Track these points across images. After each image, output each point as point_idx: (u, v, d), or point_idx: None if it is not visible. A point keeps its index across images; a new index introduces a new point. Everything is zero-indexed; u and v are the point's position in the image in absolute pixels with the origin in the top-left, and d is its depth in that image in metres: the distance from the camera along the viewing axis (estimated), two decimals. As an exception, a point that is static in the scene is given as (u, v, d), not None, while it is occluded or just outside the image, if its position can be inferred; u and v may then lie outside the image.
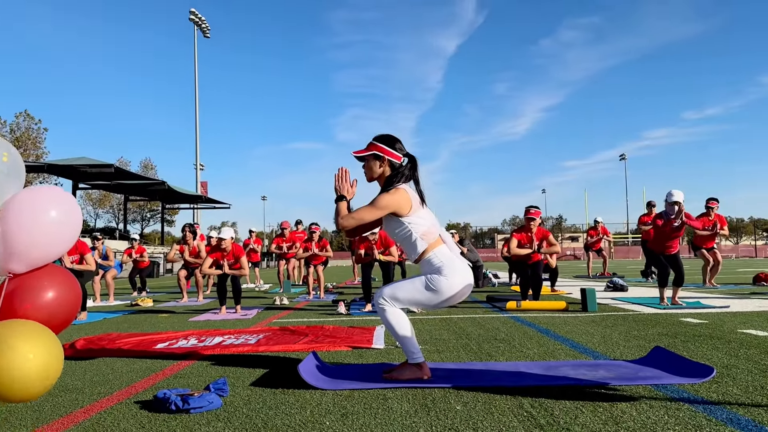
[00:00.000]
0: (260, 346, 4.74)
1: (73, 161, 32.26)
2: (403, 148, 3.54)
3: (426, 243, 3.40)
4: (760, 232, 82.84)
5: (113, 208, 63.46)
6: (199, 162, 47.20)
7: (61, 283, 2.60)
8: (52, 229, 2.43)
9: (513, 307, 7.31)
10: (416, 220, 3.40)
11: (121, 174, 35.23)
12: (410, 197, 3.41)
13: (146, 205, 61.69)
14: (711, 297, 8.76)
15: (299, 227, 14.58)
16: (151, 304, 10.03)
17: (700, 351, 4.15)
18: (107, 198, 61.18)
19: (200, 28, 46.88)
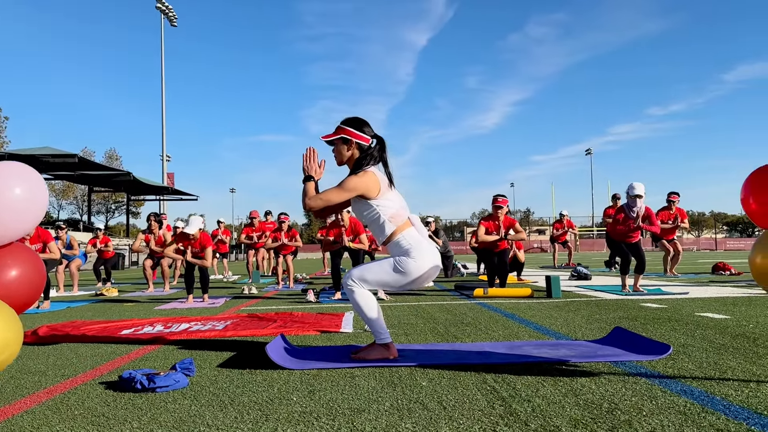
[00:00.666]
0: (228, 332, 4.74)
1: (35, 151, 31.47)
2: (371, 131, 3.56)
3: (394, 225, 3.43)
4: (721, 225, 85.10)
5: (77, 199, 62.16)
6: (166, 153, 46.51)
7: (25, 262, 2.56)
8: (17, 206, 2.40)
9: (480, 294, 7.41)
10: (384, 203, 3.43)
11: (85, 164, 34.51)
12: (379, 180, 3.44)
13: (111, 196, 60.55)
14: (671, 285, 9.00)
15: (268, 218, 14.51)
16: (116, 294, 9.88)
17: (659, 332, 4.28)
18: (71, 189, 59.88)
19: (167, 17, 46.04)
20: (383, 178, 3.49)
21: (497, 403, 2.43)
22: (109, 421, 2.32)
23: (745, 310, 5.48)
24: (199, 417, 2.36)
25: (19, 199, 2.43)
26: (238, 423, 2.26)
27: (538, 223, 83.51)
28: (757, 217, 2.83)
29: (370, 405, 2.47)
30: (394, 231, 3.43)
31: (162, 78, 45.20)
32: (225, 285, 12.26)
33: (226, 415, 2.38)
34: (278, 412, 2.39)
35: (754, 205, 2.82)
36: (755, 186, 2.83)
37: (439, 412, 2.33)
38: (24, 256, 2.59)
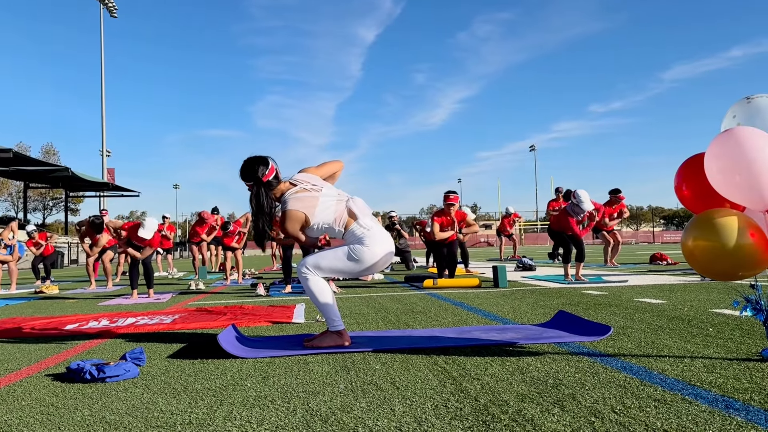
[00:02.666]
0: (176, 324, 4.68)
1: (-35, 145, 30.01)
2: (264, 168, 3.45)
3: (342, 224, 3.46)
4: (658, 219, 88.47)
5: (12, 196, 59.49)
6: (106, 148, 45.08)
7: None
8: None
9: (430, 285, 7.54)
10: (322, 218, 3.42)
11: (21, 160, 33.12)
12: (302, 210, 3.38)
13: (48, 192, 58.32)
14: (611, 274, 9.35)
15: (216, 214, 14.33)
16: (56, 291, 9.57)
17: (600, 316, 4.47)
18: (5, 185, 57.25)
19: (106, 7, 44.58)
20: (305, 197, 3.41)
21: (448, 382, 2.51)
22: (59, 410, 2.29)
23: (681, 295, 5.76)
24: (152, 404, 2.34)
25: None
26: (192, 408, 2.26)
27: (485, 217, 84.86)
28: (690, 203, 3.00)
29: (325, 388, 2.50)
30: (346, 225, 3.47)
31: (102, 71, 43.79)
32: (170, 281, 12.02)
33: (180, 401, 2.37)
34: (233, 398, 2.40)
35: (687, 192, 2.99)
36: (687, 174, 2.99)
37: (392, 392, 2.39)
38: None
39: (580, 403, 2.14)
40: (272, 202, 3.48)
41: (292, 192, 3.43)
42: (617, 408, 2.07)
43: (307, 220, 3.40)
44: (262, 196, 3.44)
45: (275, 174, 3.46)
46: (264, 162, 3.46)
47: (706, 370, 2.59)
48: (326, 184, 3.56)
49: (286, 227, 3.42)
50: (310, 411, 2.17)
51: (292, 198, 3.40)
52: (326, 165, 3.74)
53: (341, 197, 3.53)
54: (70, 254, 32.15)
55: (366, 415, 2.09)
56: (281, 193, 3.48)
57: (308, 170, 3.64)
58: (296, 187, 3.45)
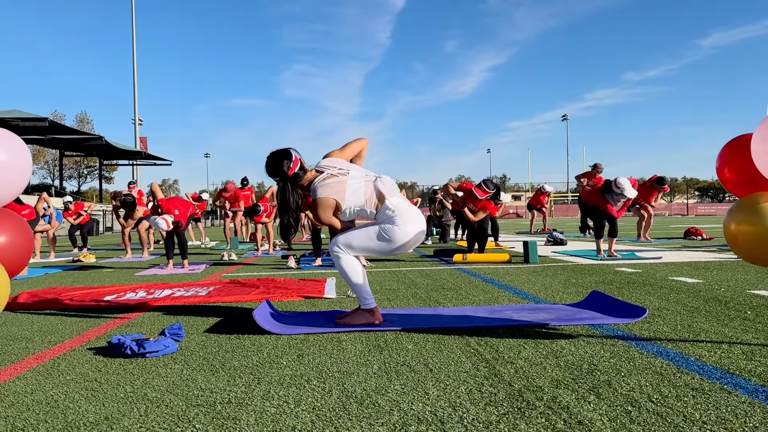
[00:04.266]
0: (212, 297, 4.76)
1: (3, 114, 30.70)
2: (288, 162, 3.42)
3: (374, 206, 3.46)
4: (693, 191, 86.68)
5: (48, 164, 60.87)
6: (138, 117, 45.61)
7: (13, 228, 2.55)
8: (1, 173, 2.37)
9: (459, 260, 7.52)
10: (353, 201, 3.43)
11: (56, 128, 33.79)
12: (332, 196, 3.38)
13: (83, 161, 59.47)
14: (645, 250, 9.22)
15: (245, 185, 14.44)
16: (93, 261, 9.80)
17: (634, 296, 4.42)
18: (41, 153, 58.56)
19: (137, -24, 44.59)
20: (333, 183, 3.40)
21: (482, 365, 2.52)
22: (102, 386, 2.36)
23: (717, 274, 5.66)
24: (192, 381, 2.40)
25: (3, 165, 2.41)
26: (230, 386, 2.31)
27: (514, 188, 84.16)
28: (732, 186, 2.92)
29: (359, 368, 2.53)
30: (377, 206, 3.47)
31: (133, 40, 44.04)
32: (203, 251, 12.22)
33: (218, 378, 2.43)
34: (269, 375, 2.45)
35: (729, 175, 2.91)
36: (730, 156, 2.90)
37: (426, 374, 2.41)
38: (11, 221, 2.57)
39: (616, 391, 2.13)
40: (298, 197, 3.49)
41: (319, 179, 3.43)
42: (654, 397, 2.06)
43: (339, 206, 3.40)
44: (288, 191, 3.45)
45: (300, 165, 3.45)
46: (287, 155, 3.43)
47: (745, 357, 2.55)
48: (352, 166, 3.55)
49: (319, 215, 3.43)
50: (345, 392, 2.20)
51: (321, 185, 3.40)
52: (350, 146, 3.72)
53: (369, 177, 3.52)
54: (104, 222, 32.87)
55: (401, 398, 2.11)
56: (309, 182, 3.48)
57: (332, 154, 3.63)
58: (323, 174, 3.44)
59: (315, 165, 3.54)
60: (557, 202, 62.04)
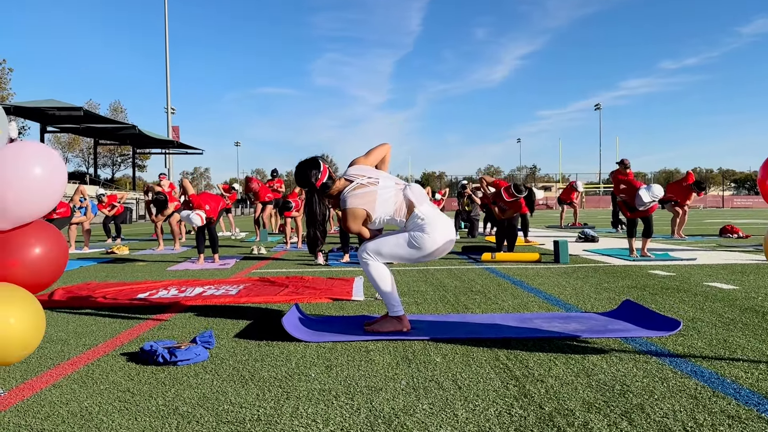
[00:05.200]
0: (241, 297, 4.81)
1: (40, 104, 31.40)
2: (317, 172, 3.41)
3: (403, 215, 3.45)
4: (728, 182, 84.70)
5: (83, 152, 62.16)
6: (171, 106, 46.19)
7: (48, 240, 2.60)
8: (35, 186, 2.41)
9: (488, 259, 7.47)
10: (383, 211, 3.42)
11: (91, 117, 34.42)
12: (362, 206, 3.37)
13: (117, 149, 60.52)
14: (679, 249, 9.04)
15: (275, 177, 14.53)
16: (127, 252, 10.00)
17: (668, 304, 4.33)
18: (76, 142, 59.84)
19: (170, -34, 45.00)
20: (363, 194, 3.38)
21: (511, 383, 2.49)
22: (134, 397, 2.40)
23: (754, 279, 5.52)
24: (222, 394, 2.43)
25: (39, 179, 2.45)
26: (260, 401, 2.33)
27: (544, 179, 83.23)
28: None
29: (387, 383, 2.53)
30: (406, 215, 3.45)
31: (166, 30, 44.49)
32: (234, 243, 12.36)
33: (248, 392, 2.45)
34: (298, 390, 2.46)
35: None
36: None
37: (454, 392, 2.39)
38: (47, 234, 2.62)
39: (649, 416, 2.09)
40: (325, 208, 3.50)
41: (349, 189, 3.42)
42: (689, 425, 2.01)
43: (369, 216, 3.40)
44: (315, 203, 3.46)
45: (328, 174, 3.44)
46: (315, 165, 3.42)
47: (784, 380, 2.48)
48: (381, 174, 3.53)
49: (349, 226, 3.43)
50: (373, 411, 2.20)
51: (351, 196, 3.39)
52: (374, 152, 3.72)
53: (398, 186, 3.51)
54: (138, 210, 33.43)
55: (429, 420, 2.10)
56: (338, 191, 3.47)
57: (358, 161, 3.64)
58: (352, 183, 3.43)
59: (344, 174, 3.54)
60: (588, 193, 61.17)
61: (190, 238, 13.19)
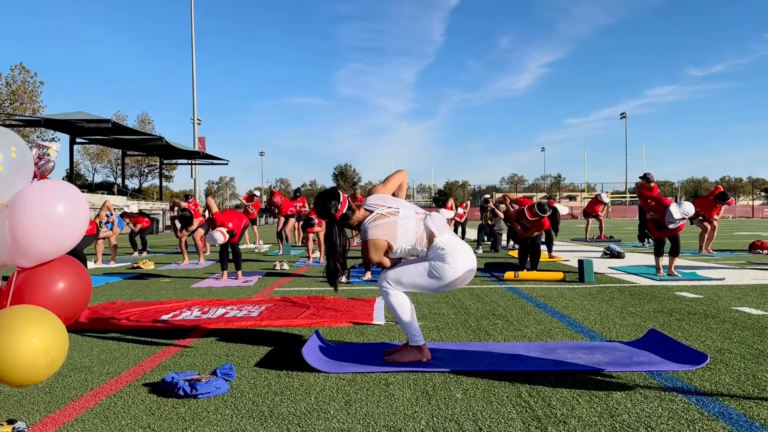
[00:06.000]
0: (263, 321, 4.83)
1: (70, 116, 32.04)
2: (336, 203, 3.42)
3: (424, 245, 3.44)
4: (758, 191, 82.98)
5: (111, 163, 63.26)
6: (197, 117, 46.82)
7: (72, 275, 2.64)
8: (60, 224, 2.46)
9: (511, 278, 7.40)
10: (404, 242, 3.41)
11: (119, 129, 35.01)
12: (383, 237, 3.37)
13: (144, 160, 61.45)
14: (707, 267, 8.86)
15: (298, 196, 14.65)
16: (152, 267, 10.12)
17: (695, 332, 4.24)
18: (105, 153, 60.92)
19: (196, -21, 45.76)
20: (384, 224, 3.38)
21: (533, 425, 2.45)
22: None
23: (784, 303, 5.38)
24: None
25: (62, 217, 2.48)
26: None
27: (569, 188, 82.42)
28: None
29: (407, 422, 2.51)
30: (427, 244, 3.44)
31: (192, 41, 45.21)
32: (257, 256, 12.44)
33: (267, 430, 2.44)
34: (317, 428, 2.45)
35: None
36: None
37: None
38: (70, 269, 2.66)
39: (675, 466, 2.04)
40: (345, 239, 3.50)
41: (370, 220, 3.42)
42: (716, 477, 1.96)
43: (390, 247, 3.39)
44: (335, 234, 3.46)
45: (348, 205, 3.45)
46: (335, 196, 3.44)
47: (816, 425, 2.40)
48: (402, 203, 3.53)
49: (370, 257, 3.42)
50: (392, 455, 2.18)
51: (372, 226, 3.39)
52: (391, 179, 3.75)
53: (419, 215, 3.50)
54: (164, 220, 33.83)
55: (448, 466, 2.07)
56: (358, 222, 3.47)
57: (376, 190, 3.67)
58: (373, 213, 3.43)
59: (364, 204, 3.54)
60: (614, 203, 60.44)
61: (214, 251, 13.30)
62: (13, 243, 2.40)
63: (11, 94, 42.26)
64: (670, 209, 7.13)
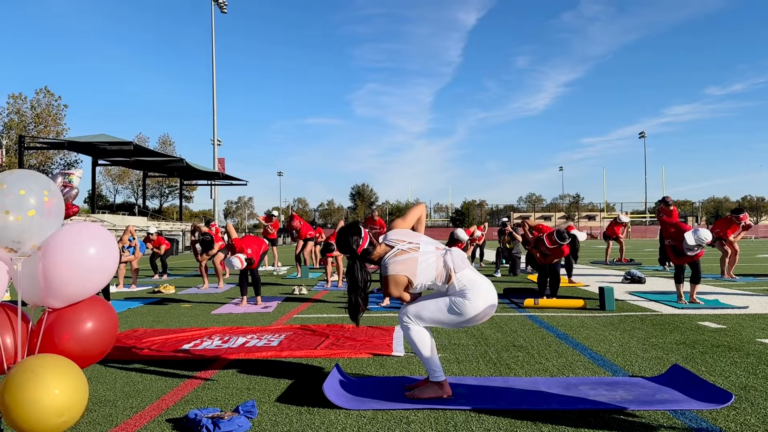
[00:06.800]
0: (283, 351, 4.85)
1: (92, 138, 32.61)
2: (358, 239, 3.46)
3: (444, 280, 3.46)
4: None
5: (132, 183, 64.12)
6: (217, 138, 47.41)
7: (99, 315, 2.69)
8: (90, 266, 2.52)
9: (530, 305, 7.36)
10: (424, 278, 3.43)
11: (140, 151, 35.54)
12: (404, 273, 3.39)
13: (165, 181, 62.23)
14: (729, 293, 8.74)
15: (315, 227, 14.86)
16: (173, 291, 10.21)
17: (719, 366, 4.19)
18: (126, 174, 61.81)
19: (217, 4, 46.69)
20: (405, 260, 3.41)
21: (555, 469, 2.44)
22: (179, 476, 2.44)
23: (811, 335, 5.29)
24: (264, 473, 2.44)
25: (93, 259, 2.55)
26: (301, 484, 2.34)
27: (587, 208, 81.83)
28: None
29: (429, 465, 2.51)
30: (448, 279, 3.45)
31: (213, 64, 45.96)
32: (275, 280, 12.50)
33: (289, 472, 2.46)
34: (339, 470, 2.46)
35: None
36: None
37: (497, 479, 2.35)
38: (98, 309, 2.72)
39: None
40: (367, 274, 3.53)
41: (390, 255, 3.44)
42: None
43: (410, 282, 3.41)
44: (357, 270, 3.49)
45: (369, 240, 3.49)
46: (356, 231, 3.48)
47: None
48: (422, 239, 3.55)
49: (390, 292, 3.45)
50: (414, 501, 2.18)
51: (392, 262, 3.42)
52: (410, 213, 3.80)
53: (439, 250, 3.52)
54: (184, 241, 34.13)
55: None
56: (379, 257, 3.51)
57: (396, 225, 3.69)
58: (393, 249, 3.46)
59: (384, 239, 3.57)
60: (634, 223, 59.88)
61: (234, 273, 13.39)
62: (46, 285, 2.47)
63: (36, 117, 43.18)
64: (685, 237, 7.07)
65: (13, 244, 2.42)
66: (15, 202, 2.35)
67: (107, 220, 33.58)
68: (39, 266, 2.43)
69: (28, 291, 2.51)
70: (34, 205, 2.42)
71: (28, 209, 2.37)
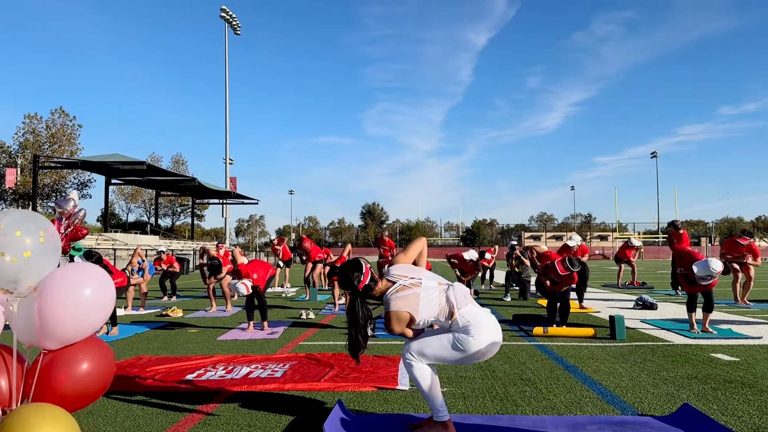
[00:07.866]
0: (286, 383, 4.80)
1: (106, 158, 32.96)
2: (359, 275, 3.44)
3: (447, 316, 3.40)
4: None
5: (145, 202, 64.62)
6: (229, 157, 47.75)
7: (95, 355, 2.67)
8: (86, 307, 2.50)
9: (540, 334, 7.26)
10: (426, 313, 3.38)
11: (153, 171, 35.84)
12: (406, 309, 3.35)
13: (177, 199, 62.67)
14: (743, 321, 8.59)
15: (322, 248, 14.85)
16: (180, 315, 10.20)
17: (731, 404, 4.08)
18: (139, 193, 62.32)
19: (231, 26, 47.31)
20: (406, 295, 3.37)
21: None
22: None
23: (827, 370, 5.16)
24: None
25: (88, 299, 2.53)
26: None
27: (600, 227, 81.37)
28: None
29: None
30: (450, 314, 3.39)
31: (226, 85, 46.43)
32: (283, 303, 12.45)
33: None
34: None
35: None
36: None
37: None
38: (94, 349, 2.69)
39: None
40: (368, 311, 3.49)
41: (392, 291, 3.41)
42: None
43: (413, 318, 3.36)
44: (357, 306, 3.46)
45: (371, 276, 3.45)
46: (358, 267, 3.45)
47: None
48: (424, 273, 3.51)
49: (392, 328, 3.41)
50: None
51: (394, 298, 3.38)
52: (411, 248, 3.77)
53: (441, 286, 3.47)
54: (194, 260, 34.22)
55: None
56: (381, 293, 3.47)
57: (398, 260, 3.67)
58: (395, 284, 3.42)
59: (386, 274, 3.53)
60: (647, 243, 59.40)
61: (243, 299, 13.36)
62: (42, 326, 2.44)
63: (50, 136, 43.74)
64: (694, 268, 6.96)
65: (9, 284, 2.41)
66: (11, 243, 2.34)
67: (119, 239, 33.80)
68: (35, 306, 2.41)
69: (24, 332, 2.49)
70: (30, 246, 2.40)
71: (24, 250, 2.36)
